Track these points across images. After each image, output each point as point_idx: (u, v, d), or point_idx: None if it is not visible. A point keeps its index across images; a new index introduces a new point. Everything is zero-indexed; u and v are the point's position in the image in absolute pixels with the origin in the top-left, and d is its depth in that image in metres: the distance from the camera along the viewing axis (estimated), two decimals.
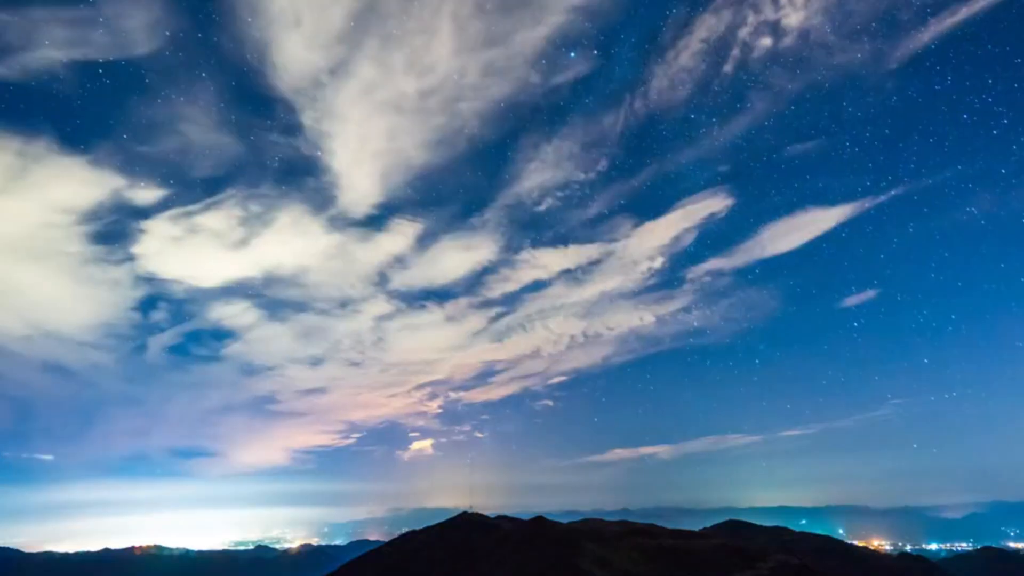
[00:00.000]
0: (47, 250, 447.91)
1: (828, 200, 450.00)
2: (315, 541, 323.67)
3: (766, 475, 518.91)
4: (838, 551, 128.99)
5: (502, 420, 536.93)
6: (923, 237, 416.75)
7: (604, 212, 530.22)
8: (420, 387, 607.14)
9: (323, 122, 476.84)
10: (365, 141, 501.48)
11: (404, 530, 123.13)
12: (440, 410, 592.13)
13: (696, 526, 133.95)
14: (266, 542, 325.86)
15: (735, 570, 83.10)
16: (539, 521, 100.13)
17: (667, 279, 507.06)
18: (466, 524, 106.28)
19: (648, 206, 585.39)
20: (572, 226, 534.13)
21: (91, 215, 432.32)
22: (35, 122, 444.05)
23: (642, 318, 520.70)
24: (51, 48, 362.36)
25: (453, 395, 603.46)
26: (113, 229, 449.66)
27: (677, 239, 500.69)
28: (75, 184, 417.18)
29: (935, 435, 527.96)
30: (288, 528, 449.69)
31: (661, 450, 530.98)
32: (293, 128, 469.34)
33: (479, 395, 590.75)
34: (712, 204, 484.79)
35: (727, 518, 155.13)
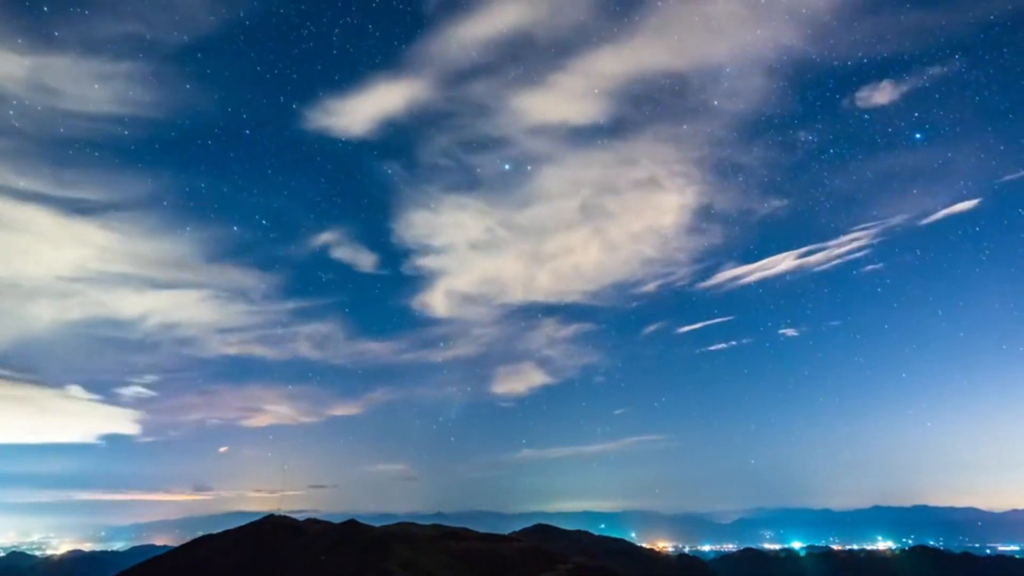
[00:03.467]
0: None
1: None
2: (87, 546, 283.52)
3: (576, 484, 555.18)
4: (629, 553, 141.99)
5: (323, 425, 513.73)
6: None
7: None
8: None
9: None
10: None
11: (199, 534, 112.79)
12: None
13: (507, 530, 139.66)
14: (23, 548, 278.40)
15: (537, 572, 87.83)
16: (350, 524, 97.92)
17: None
18: (271, 527, 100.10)
19: None
20: None
21: None
22: None
23: None
24: None
25: None
26: None
27: None
28: None
29: (713, 452, 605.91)
30: (54, 532, 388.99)
31: (480, 463, 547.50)
32: None
33: None
34: None
35: (536, 522, 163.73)
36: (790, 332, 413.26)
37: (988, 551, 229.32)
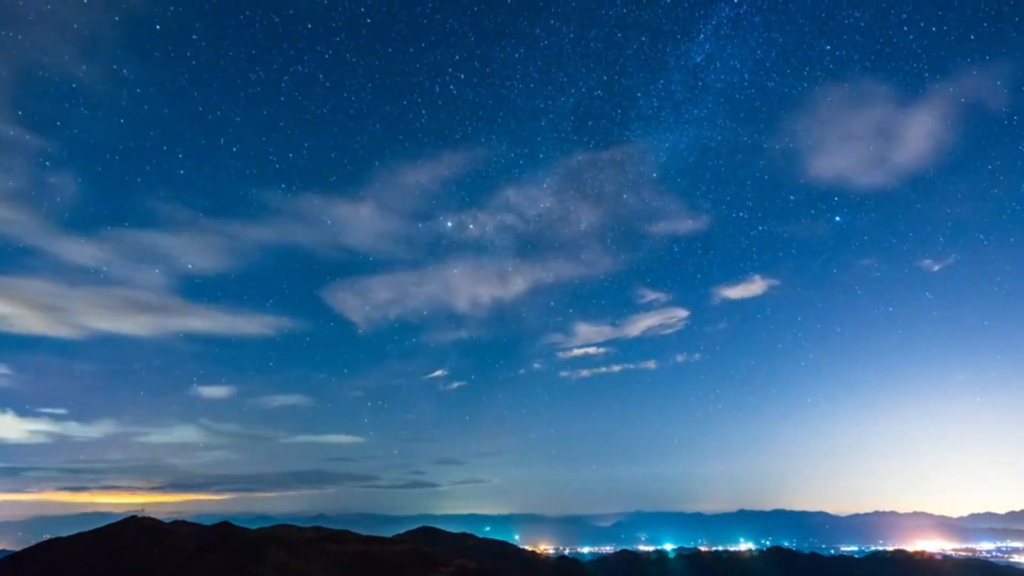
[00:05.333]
0: None
1: None
2: None
3: (464, 489, 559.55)
4: (510, 555, 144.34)
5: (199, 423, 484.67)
6: None
7: None
8: None
9: None
10: None
11: (46, 537, 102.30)
12: None
13: (391, 533, 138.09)
14: None
15: (418, 574, 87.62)
16: (222, 527, 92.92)
17: None
18: (133, 530, 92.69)
19: None
20: None
21: None
22: None
23: None
24: None
25: None
26: None
27: None
28: None
29: (598, 460, 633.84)
30: None
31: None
32: None
33: None
34: None
35: (422, 525, 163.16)
36: (650, 364, 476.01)
37: (832, 551, 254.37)
